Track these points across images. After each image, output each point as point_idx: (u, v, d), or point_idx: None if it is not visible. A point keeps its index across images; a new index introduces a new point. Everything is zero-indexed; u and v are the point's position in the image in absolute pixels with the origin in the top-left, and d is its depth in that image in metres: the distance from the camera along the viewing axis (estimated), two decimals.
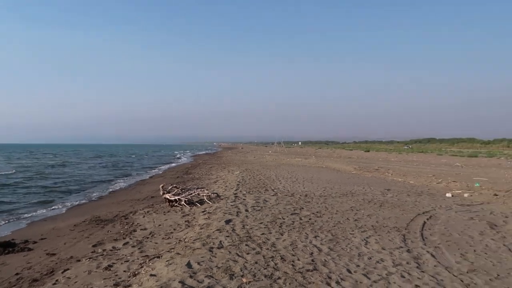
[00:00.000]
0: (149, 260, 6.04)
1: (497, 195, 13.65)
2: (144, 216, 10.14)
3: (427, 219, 9.17)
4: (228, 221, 8.38)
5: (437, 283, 5.00)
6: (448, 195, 13.55)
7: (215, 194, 12.21)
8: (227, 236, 7.07)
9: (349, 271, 5.40)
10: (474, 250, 6.60)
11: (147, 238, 7.77)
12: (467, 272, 5.46)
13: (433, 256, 6.22)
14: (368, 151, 75.22)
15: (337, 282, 4.96)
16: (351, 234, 7.56)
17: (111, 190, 18.76)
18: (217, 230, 7.57)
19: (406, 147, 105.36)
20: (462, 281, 5.12)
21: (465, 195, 13.63)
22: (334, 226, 8.23)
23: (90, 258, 6.47)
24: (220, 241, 6.72)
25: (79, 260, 6.48)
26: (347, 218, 9.06)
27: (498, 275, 5.38)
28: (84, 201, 15.29)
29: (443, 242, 7.08)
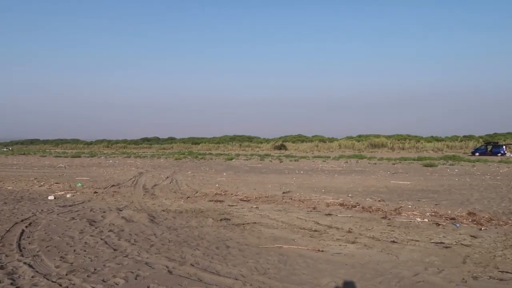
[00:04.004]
0: None
1: (97, 192, 14.66)
2: None
3: (26, 226, 8.51)
4: None
5: None
6: (51, 197, 13.22)
7: None
8: None
9: None
10: (74, 250, 6.67)
11: None
12: (66, 274, 5.42)
13: (31, 266, 5.78)
14: None
15: None
16: None
17: None
18: None
19: (5, 149, 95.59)
20: (60, 285, 5.02)
21: (68, 195, 13.76)
22: None
23: None
24: None
25: None
26: None
27: (95, 269, 5.67)
28: None
29: (43, 249, 6.75)
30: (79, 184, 17.23)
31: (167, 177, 21.04)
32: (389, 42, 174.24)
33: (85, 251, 6.65)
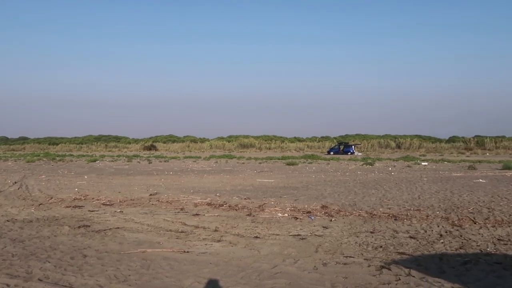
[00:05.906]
0: None
1: None
2: None
3: None
4: None
5: None
6: None
7: None
8: None
9: None
10: None
11: None
12: None
13: None
14: None
15: None
16: None
17: None
18: None
19: None
20: None
21: None
22: None
23: None
24: None
25: None
26: None
27: None
28: None
29: None
30: None
31: (15, 182, 18.48)
32: (256, 45, 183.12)
33: None
